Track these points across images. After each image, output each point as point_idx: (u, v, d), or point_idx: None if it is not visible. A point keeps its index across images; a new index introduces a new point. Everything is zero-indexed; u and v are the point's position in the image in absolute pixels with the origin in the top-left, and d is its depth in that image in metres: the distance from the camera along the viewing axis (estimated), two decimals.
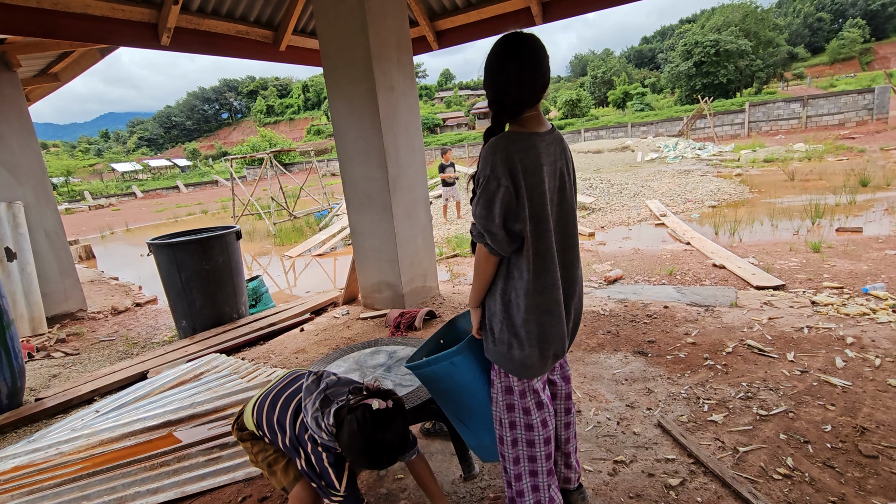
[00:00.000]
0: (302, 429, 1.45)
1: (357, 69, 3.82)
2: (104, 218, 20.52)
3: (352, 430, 1.33)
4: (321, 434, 1.40)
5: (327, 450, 1.41)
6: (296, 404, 1.51)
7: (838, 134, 18.69)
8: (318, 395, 1.48)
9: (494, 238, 1.36)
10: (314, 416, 1.43)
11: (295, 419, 1.49)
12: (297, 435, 1.47)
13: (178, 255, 3.99)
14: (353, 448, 1.34)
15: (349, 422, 1.34)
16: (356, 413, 1.34)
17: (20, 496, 2.13)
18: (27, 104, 5.29)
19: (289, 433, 1.48)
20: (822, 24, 59.48)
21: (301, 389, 1.53)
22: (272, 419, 1.53)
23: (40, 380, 3.76)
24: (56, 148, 74.96)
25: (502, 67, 1.33)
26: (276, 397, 1.57)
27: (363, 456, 1.35)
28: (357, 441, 1.32)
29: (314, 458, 1.42)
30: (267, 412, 1.56)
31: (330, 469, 1.40)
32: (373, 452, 1.34)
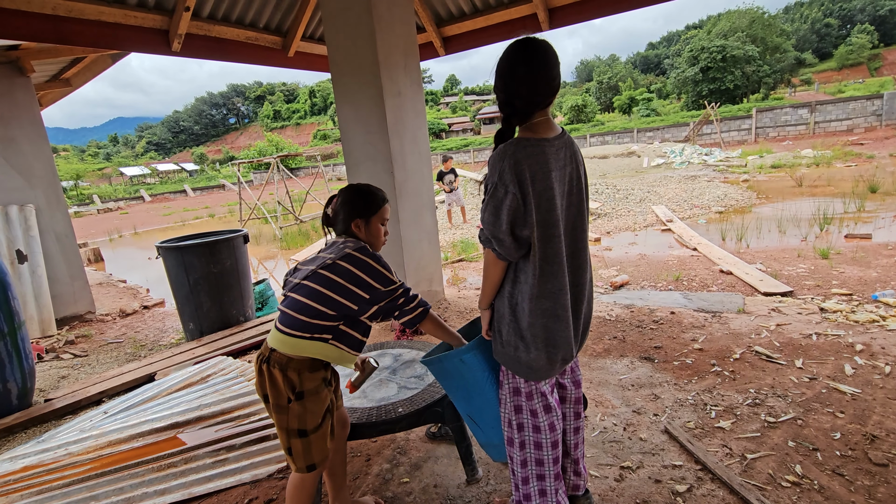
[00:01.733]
0: (332, 269, 1.49)
1: (364, 75, 3.85)
2: (112, 221, 20.71)
3: (353, 193, 1.64)
4: (346, 245, 1.54)
5: (361, 250, 1.53)
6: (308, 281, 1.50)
7: (847, 140, 18.57)
8: (311, 259, 1.58)
9: (502, 244, 1.38)
10: (329, 250, 1.56)
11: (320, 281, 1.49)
12: (335, 279, 1.48)
13: (186, 258, 4.02)
14: (354, 197, 1.64)
15: (347, 198, 1.64)
16: (340, 195, 1.66)
17: (30, 496, 2.15)
18: (40, 109, 5.37)
19: (329, 291, 1.47)
20: (830, 29, 59.23)
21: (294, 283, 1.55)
22: (308, 307, 1.48)
23: (50, 381, 3.80)
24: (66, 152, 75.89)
25: (514, 71, 1.35)
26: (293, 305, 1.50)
27: (371, 190, 1.66)
28: (360, 191, 1.65)
29: (360, 270, 1.48)
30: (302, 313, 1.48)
31: (376, 264, 1.51)
32: (370, 186, 1.68)
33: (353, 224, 1.61)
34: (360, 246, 1.54)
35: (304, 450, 1.51)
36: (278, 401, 1.48)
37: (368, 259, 1.51)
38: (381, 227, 1.66)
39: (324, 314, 1.47)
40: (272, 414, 1.51)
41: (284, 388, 1.47)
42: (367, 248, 1.55)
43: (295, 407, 1.48)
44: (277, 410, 1.48)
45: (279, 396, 1.48)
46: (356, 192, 1.65)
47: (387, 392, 2.13)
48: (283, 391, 1.47)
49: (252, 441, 2.41)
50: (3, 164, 4.97)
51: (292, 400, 1.47)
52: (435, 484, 2.03)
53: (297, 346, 1.47)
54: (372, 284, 1.50)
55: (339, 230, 1.65)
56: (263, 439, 2.43)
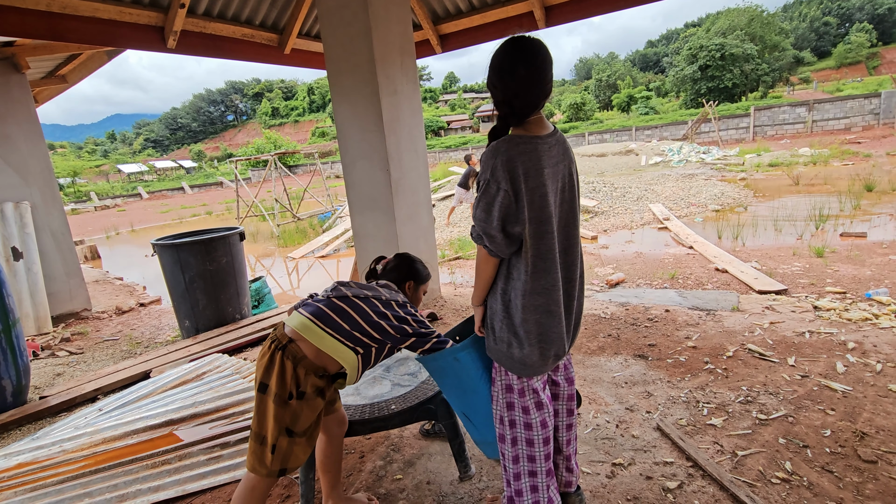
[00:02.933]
0: (384, 304, 1.62)
1: (361, 72, 3.85)
2: (110, 218, 20.66)
3: (410, 261, 1.88)
4: (399, 295, 1.70)
5: (407, 301, 1.72)
6: (359, 299, 1.61)
7: (844, 139, 18.61)
8: (366, 287, 1.68)
9: (493, 240, 1.39)
10: (386, 291, 1.69)
11: (371, 305, 1.60)
12: (384, 311, 1.60)
13: (182, 256, 4.02)
14: (413, 265, 1.87)
15: (405, 263, 1.87)
16: (395, 257, 1.90)
17: (24, 493, 2.15)
18: (35, 106, 5.35)
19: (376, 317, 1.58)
20: (829, 28, 59.22)
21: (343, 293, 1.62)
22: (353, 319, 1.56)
23: (45, 378, 3.80)
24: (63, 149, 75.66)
25: (514, 70, 1.34)
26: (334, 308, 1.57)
27: (422, 265, 1.90)
28: (410, 258, 1.89)
29: (406, 314, 1.64)
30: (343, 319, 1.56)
31: (417, 314, 1.68)
32: (418, 260, 1.90)
33: (407, 284, 1.83)
34: (407, 302, 1.72)
35: (286, 450, 1.50)
36: (282, 393, 1.47)
37: (410, 308, 1.70)
38: (422, 294, 1.92)
39: (369, 335, 1.57)
40: (269, 405, 1.48)
41: (291, 383, 1.47)
42: (409, 304, 1.72)
43: (294, 404, 1.48)
44: (277, 403, 1.47)
45: (283, 389, 1.47)
46: (412, 262, 1.88)
47: (380, 389, 2.14)
48: (289, 385, 1.47)
49: (247, 438, 2.42)
50: None
51: (293, 397, 1.47)
52: (428, 481, 2.04)
53: (325, 342, 1.51)
54: (410, 324, 1.64)
55: (390, 280, 1.82)
56: None
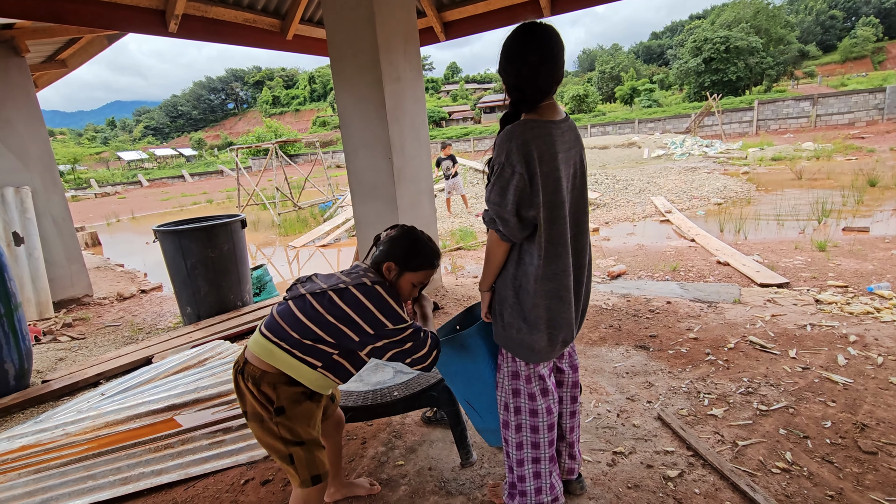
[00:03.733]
0: (342, 295, 1.38)
1: (364, 59, 3.81)
2: (110, 206, 20.62)
3: (405, 239, 1.52)
4: (366, 275, 1.43)
5: (380, 284, 1.42)
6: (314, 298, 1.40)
7: (848, 133, 18.52)
8: (328, 276, 1.50)
9: (506, 224, 1.38)
10: (346, 275, 1.46)
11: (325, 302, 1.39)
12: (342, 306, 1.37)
13: (183, 243, 4.01)
14: (410, 247, 1.51)
15: (398, 237, 1.52)
16: (398, 227, 1.56)
17: (27, 474, 2.17)
18: (35, 90, 5.31)
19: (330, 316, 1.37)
20: (835, 21, 58.62)
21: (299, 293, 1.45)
22: (303, 325, 1.38)
23: (47, 363, 3.81)
24: (63, 135, 75.25)
25: (525, 56, 1.33)
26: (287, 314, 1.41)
27: (422, 251, 1.51)
28: (415, 241, 1.52)
29: (371, 302, 1.37)
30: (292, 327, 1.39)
31: (390, 300, 1.39)
32: (430, 245, 1.54)
33: (386, 265, 1.48)
34: (379, 280, 1.44)
35: (307, 458, 1.39)
36: (259, 414, 1.38)
37: (385, 295, 1.40)
38: (411, 285, 1.52)
39: (321, 339, 1.37)
40: (257, 429, 1.40)
41: (263, 402, 1.37)
42: (385, 283, 1.44)
43: (279, 420, 1.37)
44: (262, 428, 1.39)
45: (260, 411, 1.37)
46: (409, 238, 1.53)
47: (382, 376, 2.14)
48: (261, 406, 1.37)
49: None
50: None
51: (273, 416, 1.37)
52: (430, 467, 2.05)
53: (276, 357, 1.37)
54: (378, 318, 1.37)
55: (373, 258, 1.54)
56: None
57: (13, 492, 2.07)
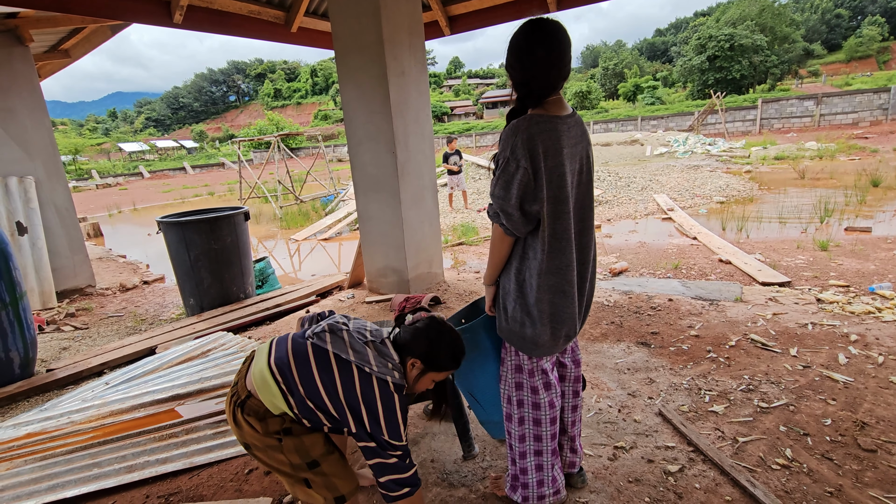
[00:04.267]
0: (363, 380, 1.33)
1: (368, 53, 3.80)
2: (111, 197, 20.62)
3: (436, 339, 1.44)
4: (392, 374, 1.36)
5: (399, 390, 1.36)
6: (336, 362, 1.34)
7: (851, 133, 18.46)
8: (361, 341, 1.39)
9: (510, 218, 1.39)
10: (377, 360, 1.36)
11: (344, 377, 1.33)
12: (357, 392, 1.32)
13: (187, 234, 4.02)
14: (441, 349, 1.43)
15: (426, 328, 1.45)
16: (429, 320, 1.47)
17: (33, 461, 2.19)
18: (38, 80, 5.30)
19: (342, 395, 1.32)
20: (841, 20, 58.31)
21: (325, 344, 1.37)
22: (315, 387, 1.32)
23: (51, 352, 3.83)
24: (64, 126, 75.17)
25: (533, 52, 1.34)
26: (303, 363, 1.35)
27: (451, 352, 1.45)
28: (443, 335, 1.45)
29: (383, 407, 1.31)
30: (303, 382, 1.33)
31: (399, 414, 1.34)
32: (457, 345, 1.47)
33: (411, 361, 1.42)
34: (401, 385, 1.39)
35: (323, 481, 1.37)
36: (267, 444, 1.35)
37: (397, 403, 1.34)
38: (431, 382, 1.50)
39: (325, 409, 1.33)
40: (265, 460, 1.37)
41: (269, 433, 1.34)
42: (403, 390, 1.40)
43: (288, 442, 1.35)
44: (270, 454, 1.35)
45: (267, 440, 1.34)
46: (439, 338, 1.45)
47: None
48: (270, 434, 1.34)
49: None
50: (2, 135, 4.93)
51: (282, 438, 1.35)
52: (432, 459, 2.07)
53: (275, 401, 1.33)
54: (380, 423, 1.32)
55: (399, 342, 1.45)
56: None
57: (20, 478, 2.09)
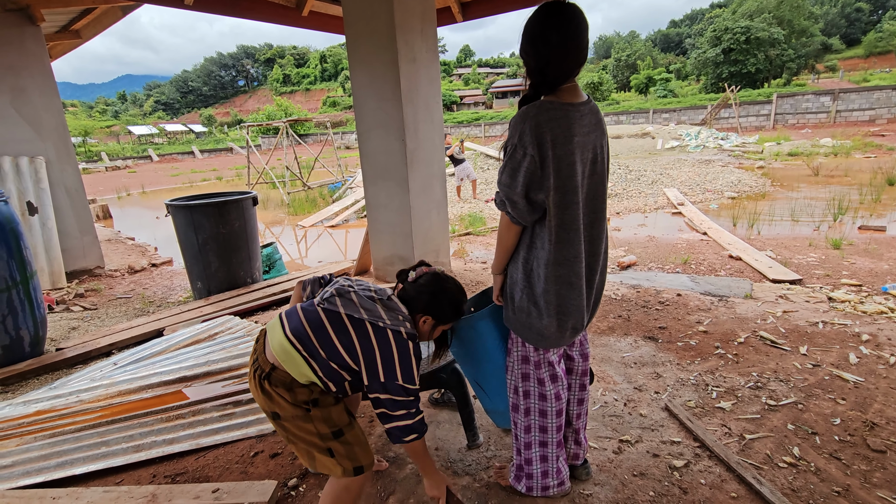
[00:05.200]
0: (378, 334, 1.38)
1: (380, 38, 3.76)
2: (120, 179, 20.74)
3: (437, 288, 1.50)
4: (404, 324, 1.41)
5: (412, 338, 1.42)
6: (350, 323, 1.38)
7: (868, 131, 18.12)
8: (369, 300, 1.43)
9: (515, 206, 1.37)
10: (388, 314, 1.41)
11: (360, 334, 1.38)
12: (374, 345, 1.37)
13: (195, 218, 4.03)
14: (443, 301, 1.50)
15: (430, 284, 1.50)
16: (431, 276, 1.53)
17: (42, 438, 2.21)
18: (49, 60, 5.30)
19: (360, 351, 1.37)
20: (861, 14, 56.92)
21: (336, 308, 1.41)
22: (334, 348, 1.37)
23: (60, 331, 3.87)
24: (74, 108, 75.47)
25: (547, 37, 1.30)
26: (319, 329, 1.38)
27: (453, 304, 1.52)
28: (447, 292, 1.51)
29: (398, 353, 1.37)
30: (323, 346, 1.37)
31: (413, 359, 1.40)
32: (460, 297, 1.55)
33: (423, 319, 1.50)
34: (413, 334, 1.43)
35: (346, 451, 1.41)
36: (296, 413, 1.38)
37: (411, 351, 1.40)
38: (441, 332, 1.58)
39: (347, 367, 1.38)
40: (291, 430, 1.40)
41: (298, 402, 1.38)
42: (416, 338, 1.45)
43: (316, 413, 1.39)
44: (298, 423, 1.39)
45: (296, 409, 1.38)
46: (443, 292, 1.51)
47: None
48: (299, 404, 1.38)
49: None
50: (13, 114, 4.94)
51: (311, 408, 1.39)
52: (436, 447, 2.08)
53: (301, 369, 1.36)
54: (395, 371, 1.37)
55: (406, 300, 1.50)
56: None
57: (30, 454, 2.12)
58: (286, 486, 1.89)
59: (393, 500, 1.78)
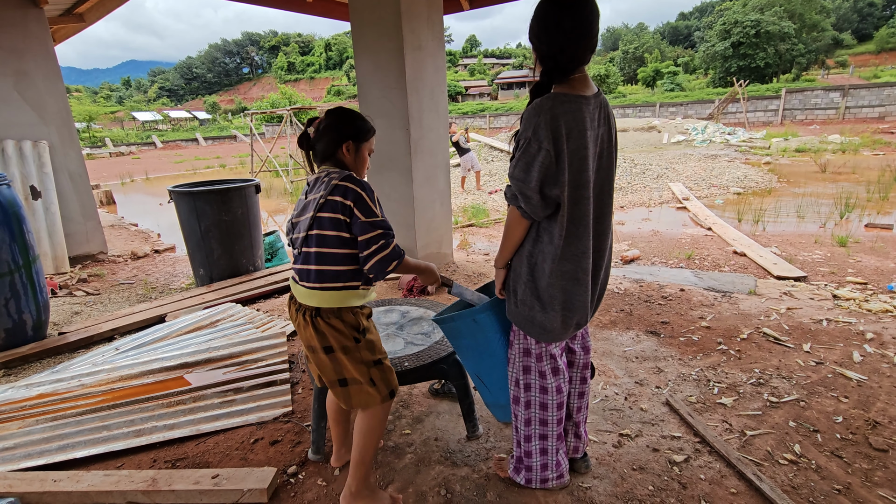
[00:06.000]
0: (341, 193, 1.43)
1: (385, 25, 3.71)
2: (124, 165, 20.75)
3: (347, 116, 1.54)
4: (345, 174, 1.47)
5: (348, 179, 1.46)
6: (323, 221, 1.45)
7: (877, 128, 17.92)
8: (310, 190, 1.53)
9: (529, 201, 1.34)
10: (334, 177, 1.47)
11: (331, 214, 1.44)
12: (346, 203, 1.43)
13: (198, 205, 4.02)
14: (347, 119, 1.53)
15: (340, 118, 1.53)
16: (327, 114, 1.55)
17: (45, 421, 2.23)
18: (53, 44, 5.26)
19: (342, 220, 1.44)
20: (874, 9, 56.09)
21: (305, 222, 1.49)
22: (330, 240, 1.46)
23: (63, 316, 3.89)
24: (78, 93, 75.37)
25: (559, 21, 1.27)
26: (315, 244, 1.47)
27: (355, 117, 1.56)
28: (345, 112, 1.55)
29: (352, 201, 1.42)
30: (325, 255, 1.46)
31: (366, 194, 1.45)
32: (356, 112, 1.58)
33: (344, 146, 1.52)
34: (346, 174, 1.47)
35: (382, 377, 1.53)
36: (345, 343, 1.47)
37: (355, 185, 1.44)
38: (367, 156, 1.59)
39: (350, 256, 1.46)
40: (344, 360, 1.48)
41: (348, 331, 1.48)
42: (352, 175, 1.48)
43: (363, 341, 1.50)
44: (347, 351, 1.48)
45: (345, 339, 1.47)
46: (348, 115, 1.55)
47: (393, 346, 2.14)
48: (348, 333, 1.48)
49: (259, 385, 2.47)
50: (16, 98, 4.92)
51: (360, 339, 1.49)
52: (436, 437, 2.08)
53: (332, 298, 1.46)
54: (354, 212, 1.42)
55: (323, 153, 1.55)
56: (270, 384, 2.48)
57: (31, 437, 2.14)
58: (286, 473, 1.89)
59: (391, 489, 1.79)
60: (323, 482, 1.84)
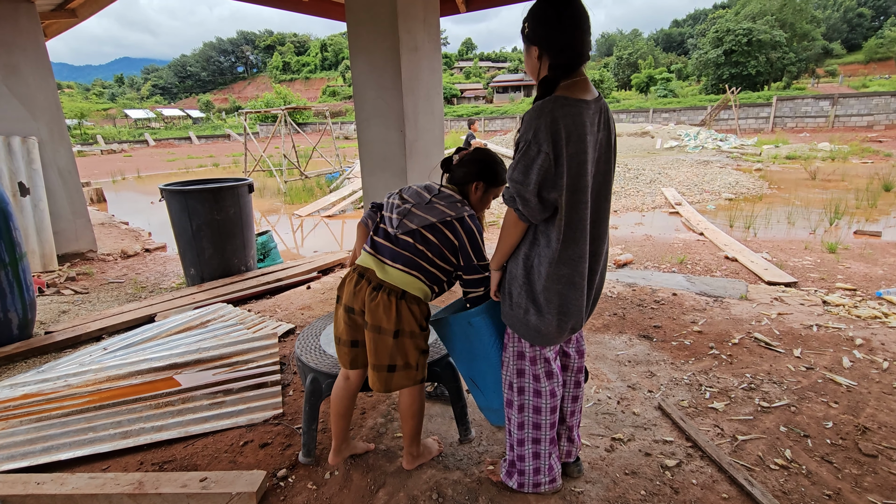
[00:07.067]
0: (450, 227, 1.58)
1: (381, 26, 3.70)
2: (116, 163, 20.53)
3: (482, 156, 1.67)
4: (465, 209, 1.60)
5: (473, 218, 1.61)
6: (429, 231, 1.58)
7: (865, 136, 18.20)
8: (427, 204, 1.60)
9: (527, 204, 1.33)
10: (449, 207, 1.59)
11: (439, 236, 1.58)
12: (450, 237, 1.58)
13: (190, 203, 3.98)
14: (491, 165, 1.66)
15: (475, 155, 1.67)
16: (474, 151, 1.69)
17: (29, 422, 2.18)
18: (44, 38, 5.19)
19: (444, 247, 1.58)
20: (863, 20, 57.00)
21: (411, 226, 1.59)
22: (438, 248, 1.58)
23: (50, 314, 3.82)
24: (70, 89, 74.58)
25: (560, 19, 1.29)
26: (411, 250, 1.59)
27: (499, 166, 1.68)
28: (491, 157, 1.68)
29: (468, 237, 1.58)
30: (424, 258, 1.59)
31: (481, 239, 1.61)
32: (501, 162, 1.70)
33: (476, 184, 1.65)
34: (473, 214, 1.61)
35: (425, 363, 1.69)
36: (414, 329, 1.59)
37: (477, 230, 1.60)
38: (490, 199, 1.73)
39: (441, 268, 1.60)
40: (408, 344, 1.59)
41: (421, 319, 1.62)
42: (475, 216, 1.62)
43: (426, 333, 1.66)
44: (413, 336, 1.60)
45: (415, 326, 1.60)
46: (492, 159, 1.68)
47: None
48: (420, 320, 1.61)
49: (249, 387, 2.44)
50: (6, 92, 4.85)
51: (425, 328, 1.65)
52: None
53: (417, 287, 1.58)
54: (467, 247, 1.58)
55: (456, 180, 1.68)
56: (261, 386, 2.46)
57: (15, 438, 2.09)
58: (275, 476, 1.87)
59: (383, 493, 1.77)
60: (313, 486, 1.82)
